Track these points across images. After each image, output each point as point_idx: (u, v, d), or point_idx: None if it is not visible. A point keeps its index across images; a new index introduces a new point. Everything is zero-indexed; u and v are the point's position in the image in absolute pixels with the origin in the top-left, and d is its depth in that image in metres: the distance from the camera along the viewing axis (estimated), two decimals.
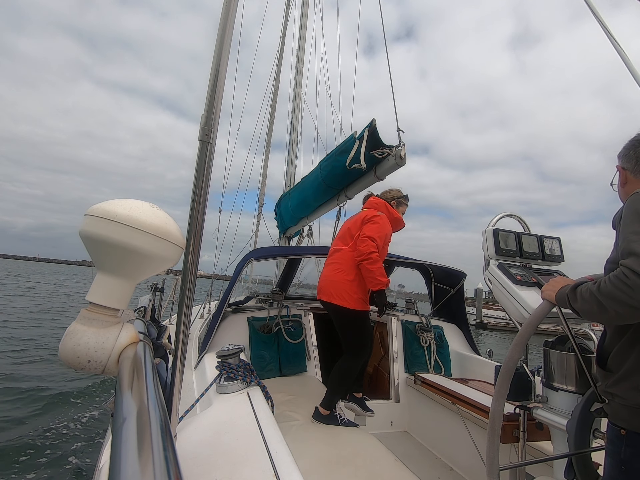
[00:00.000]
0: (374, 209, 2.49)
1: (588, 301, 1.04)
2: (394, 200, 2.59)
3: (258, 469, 0.96)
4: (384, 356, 3.36)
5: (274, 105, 6.64)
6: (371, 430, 2.44)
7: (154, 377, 0.78)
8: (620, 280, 0.94)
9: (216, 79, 0.82)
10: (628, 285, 0.92)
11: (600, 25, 1.71)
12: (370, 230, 2.30)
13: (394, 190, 2.67)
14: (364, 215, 2.43)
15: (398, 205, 2.60)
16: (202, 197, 0.81)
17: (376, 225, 2.33)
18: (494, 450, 1.14)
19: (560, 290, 1.20)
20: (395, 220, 2.51)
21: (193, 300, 0.87)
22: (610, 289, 0.96)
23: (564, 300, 1.15)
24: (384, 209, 2.48)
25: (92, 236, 0.88)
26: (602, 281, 1.00)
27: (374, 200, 2.57)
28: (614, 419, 1.07)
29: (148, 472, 0.46)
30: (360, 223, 2.40)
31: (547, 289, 1.28)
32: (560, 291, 1.20)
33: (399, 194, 2.64)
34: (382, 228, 2.35)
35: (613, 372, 1.08)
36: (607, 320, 1.07)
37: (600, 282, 1.01)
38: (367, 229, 2.32)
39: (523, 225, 1.85)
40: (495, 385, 1.24)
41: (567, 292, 1.13)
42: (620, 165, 1.23)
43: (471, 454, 2.15)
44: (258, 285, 6.46)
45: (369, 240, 2.25)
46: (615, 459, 1.03)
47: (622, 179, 1.24)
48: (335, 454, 1.73)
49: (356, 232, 2.40)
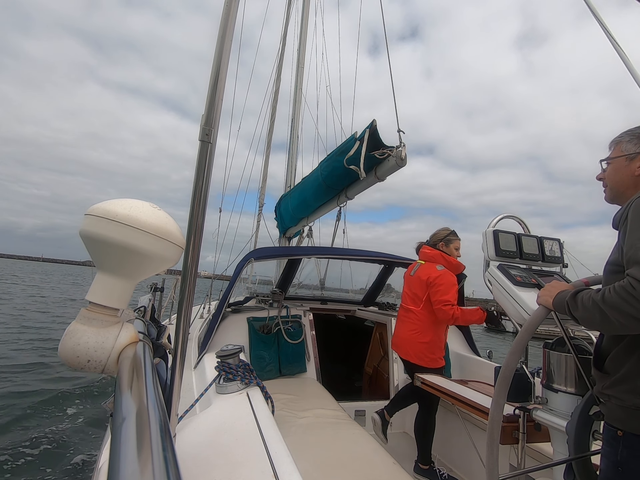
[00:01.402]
0: (431, 263, 2.62)
1: (590, 310, 1.01)
2: (441, 242, 2.69)
3: (257, 469, 0.96)
4: (383, 357, 3.36)
5: (275, 105, 6.64)
6: (371, 431, 2.44)
7: (154, 377, 0.78)
8: (626, 291, 0.91)
9: (217, 79, 0.82)
10: (634, 296, 0.89)
11: (600, 25, 1.71)
12: (441, 296, 2.44)
13: (439, 232, 2.78)
14: (426, 276, 2.55)
15: (447, 244, 2.69)
16: (202, 197, 0.82)
17: (442, 287, 2.47)
18: (494, 460, 1.14)
19: (558, 295, 1.16)
20: (455, 267, 2.63)
21: (193, 300, 0.87)
22: (615, 300, 0.93)
23: (563, 307, 1.12)
24: (441, 260, 2.60)
25: (92, 236, 0.88)
26: (607, 290, 0.97)
27: (428, 252, 2.68)
28: (611, 420, 1.06)
29: (147, 472, 0.46)
30: (425, 286, 2.54)
31: (544, 294, 1.24)
32: (558, 297, 1.16)
33: (446, 233, 2.74)
34: (448, 286, 2.48)
35: (610, 374, 1.07)
36: (608, 330, 1.05)
37: (605, 291, 0.98)
38: (436, 296, 2.46)
39: (523, 226, 1.85)
40: (494, 390, 1.24)
41: (567, 299, 1.10)
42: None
43: (471, 455, 2.15)
44: (258, 286, 6.46)
45: (443, 306, 2.41)
46: (611, 460, 1.03)
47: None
48: (334, 456, 1.73)
49: (424, 294, 2.54)
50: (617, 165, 1.20)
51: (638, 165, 1.14)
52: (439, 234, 2.74)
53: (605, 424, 1.08)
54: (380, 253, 3.54)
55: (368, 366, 3.56)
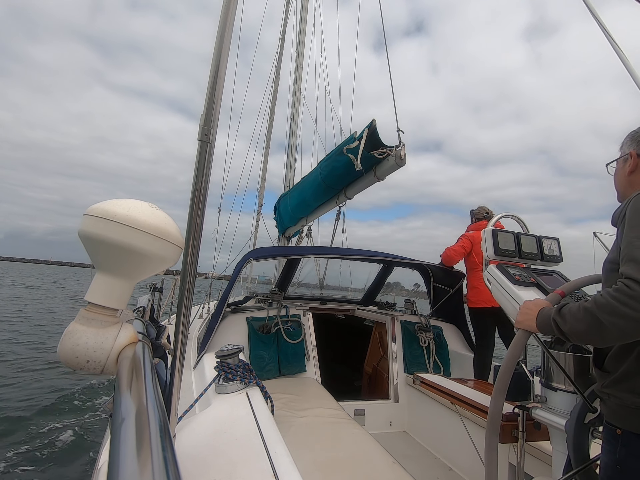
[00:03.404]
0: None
1: (582, 320, 0.94)
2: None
3: (257, 469, 0.96)
4: (383, 356, 3.36)
5: (274, 105, 6.64)
6: (370, 430, 2.44)
7: (153, 377, 0.78)
8: (622, 292, 0.87)
9: (215, 79, 0.82)
10: (632, 296, 0.84)
11: (599, 26, 1.71)
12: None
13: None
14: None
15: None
16: (202, 197, 0.81)
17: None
18: (493, 459, 1.14)
19: (539, 315, 1.12)
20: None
21: (192, 300, 0.87)
22: (610, 303, 0.88)
23: (549, 326, 1.05)
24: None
25: (91, 236, 0.87)
26: (598, 296, 0.92)
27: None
28: (610, 418, 1.06)
29: (147, 472, 0.46)
30: None
31: (523, 319, 1.18)
32: (540, 317, 1.11)
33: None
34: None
35: (610, 373, 1.07)
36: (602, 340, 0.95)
37: (595, 297, 0.93)
38: None
39: (522, 225, 1.85)
40: (493, 389, 1.24)
41: (552, 316, 1.04)
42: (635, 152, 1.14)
43: (470, 454, 2.15)
44: (257, 285, 6.45)
45: None
46: (610, 458, 1.03)
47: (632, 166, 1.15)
48: (334, 456, 1.73)
49: None
50: (617, 167, 1.24)
51: (629, 165, 1.16)
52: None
53: (605, 422, 1.09)
54: (379, 252, 3.55)
55: (367, 366, 3.56)
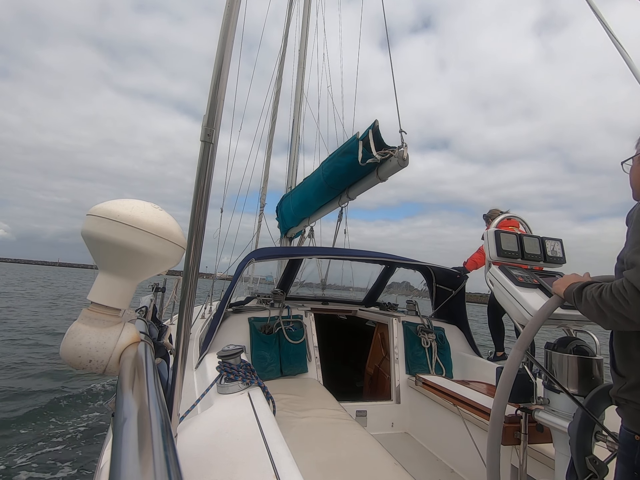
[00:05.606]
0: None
1: (590, 305, 1.07)
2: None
3: (258, 469, 0.96)
4: (384, 357, 3.35)
5: (276, 106, 6.64)
6: (372, 431, 2.43)
7: (155, 377, 0.78)
8: (619, 293, 0.96)
9: (218, 79, 0.82)
10: (625, 298, 0.94)
11: (602, 25, 1.71)
12: None
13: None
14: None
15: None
16: (204, 198, 0.81)
17: None
18: (495, 461, 1.14)
19: (569, 286, 1.23)
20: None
21: (194, 300, 0.87)
22: (609, 299, 0.99)
23: (571, 298, 1.18)
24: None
25: (94, 236, 0.88)
26: (605, 289, 1.02)
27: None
28: (629, 424, 1.03)
29: (148, 472, 0.46)
30: None
31: (558, 282, 1.31)
32: (568, 288, 1.23)
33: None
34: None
35: (625, 377, 1.06)
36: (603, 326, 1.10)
37: (602, 289, 1.03)
38: None
39: (525, 226, 1.84)
40: (496, 390, 1.24)
41: (574, 290, 1.16)
42: None
43: (472, 456, 2.14)
44: (259, 286, 6.46)
45: None
46: (628, 465, 1.01)
47: None
48: (335, 457, 1.72)
49: None
50: (633, 165, 1.22)
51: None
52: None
53: (622, 428, 1.07)
54: (381, 253, 3.54)
55: (369, 366, 3.56)
